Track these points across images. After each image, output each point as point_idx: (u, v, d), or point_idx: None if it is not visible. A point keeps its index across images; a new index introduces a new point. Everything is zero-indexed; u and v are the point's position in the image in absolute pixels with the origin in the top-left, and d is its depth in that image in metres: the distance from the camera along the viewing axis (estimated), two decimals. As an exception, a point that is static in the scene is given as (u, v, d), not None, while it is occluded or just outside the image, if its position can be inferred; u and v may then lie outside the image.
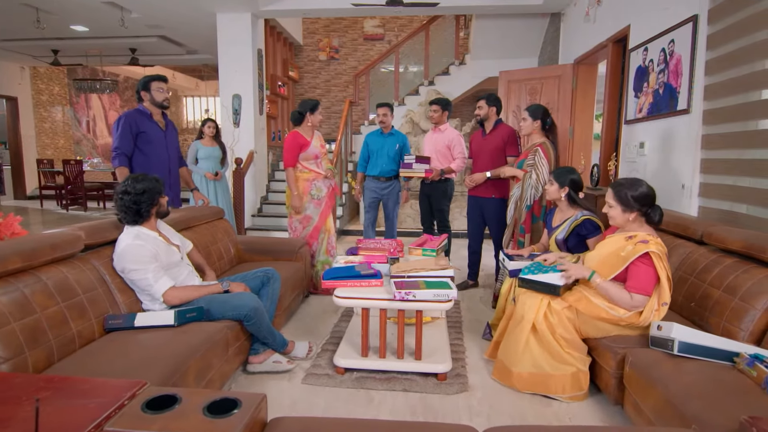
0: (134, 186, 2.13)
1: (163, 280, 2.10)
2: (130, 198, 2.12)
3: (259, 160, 6.33)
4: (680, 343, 1.71)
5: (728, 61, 2.71)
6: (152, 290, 2.08)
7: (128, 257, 2.06)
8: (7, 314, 1.59)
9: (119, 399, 1.28)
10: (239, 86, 5.98)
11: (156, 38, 7.12)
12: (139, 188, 2.12)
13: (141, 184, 2.14)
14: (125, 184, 2.15)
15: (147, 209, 2.15)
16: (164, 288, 2.09)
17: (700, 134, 2.91)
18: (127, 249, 2.08)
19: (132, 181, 2.16)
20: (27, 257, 1.77)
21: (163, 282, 2.10)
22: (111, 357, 1.73)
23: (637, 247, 2.04)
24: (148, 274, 2.07)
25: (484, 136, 3.58)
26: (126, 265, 2.07)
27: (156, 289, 2.08)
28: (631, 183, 2.18)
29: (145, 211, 2.15)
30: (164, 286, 2.09)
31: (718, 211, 2.83)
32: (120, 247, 2.10)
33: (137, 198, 2.12)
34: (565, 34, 5.61)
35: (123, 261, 2.07)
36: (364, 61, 8.45)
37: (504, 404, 2.11)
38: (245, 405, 1.28)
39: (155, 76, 3.11)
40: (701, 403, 1.46)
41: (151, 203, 2.16)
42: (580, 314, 2.15)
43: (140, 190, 2.12)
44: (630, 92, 3.81)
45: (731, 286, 2.02)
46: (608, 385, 2.02)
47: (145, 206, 2.14)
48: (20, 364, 1.57)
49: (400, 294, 2.18)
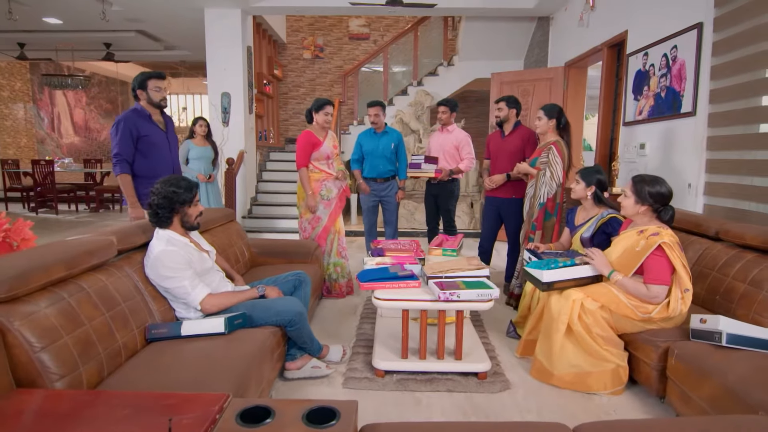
0: (161, 189, 2.06)
1: (200, 287, 2.02)
2: (153, 199, 2.06)
3: (248, 160, 6.18)
4: (728, 335, 1.79)
5: (733, 68, 2.86)
6: (189, 298, 2.00)
7: (163, 264, 1.97)
8: (58, 327, 1.48)
9: (210, 413, 1.22)
10: (228, 84, 5.82)
11: (134, 33, 6.82)
12: (164, 192, 2.04)
13: (168, 188, 2.05)
14: (157, 184, 2.08)
15: (166, 215, 2.06)
16: (202, 296, 2.01)
17: (705, 136, 3.06)
18: (161, 256, 1.98)
19: (163, 183, 2.08)
20: (69, 265, 1.66)
21: (200, 290, 2.02)
22: (168, 369, 1.65)
23: (650, 240, 2.13)
24: (185, 282, 1.98)
25: (503, 138, 3.63)
26: (161, 272, 1.97)
27: (193, 297, 2.00)
28: (652, 180, 2.27)
29: (163, 216, 2.05)
30: (201, 293, 2.01)
31: (722, 209, 2.99)
32: (153, 253, 2.00)
33: (159, 201, 2.05)
34: (555, 37, 5.76)
35: (157, 268, 1.98)
36: (350, 60, 8.39)
37: (549, 401, 2.15)
38: (343, 413, 1.25)
39: (153, 73, 2.90)
40: (764, 391, 1.53)
41: (171, 210, 2.06)
42: (614, 313, 2.22)
43: (164, 194, 2.04)
44: (629, 95, 3.96)
45: (757, 280, 2.14)
46: (649, 377, 2.09)
47: (164, 212, 2.05)
48: (75, 381, 1.47)
49: (444, 295, 2.18)
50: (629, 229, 2.33)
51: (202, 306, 2.01)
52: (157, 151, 2.96)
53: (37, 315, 1.44)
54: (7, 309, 1.40)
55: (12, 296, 1.42)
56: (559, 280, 2.30)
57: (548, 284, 2.29)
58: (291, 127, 8.67)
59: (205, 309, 2.03)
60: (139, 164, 2.90)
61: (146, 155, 2.91)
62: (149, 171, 2.90)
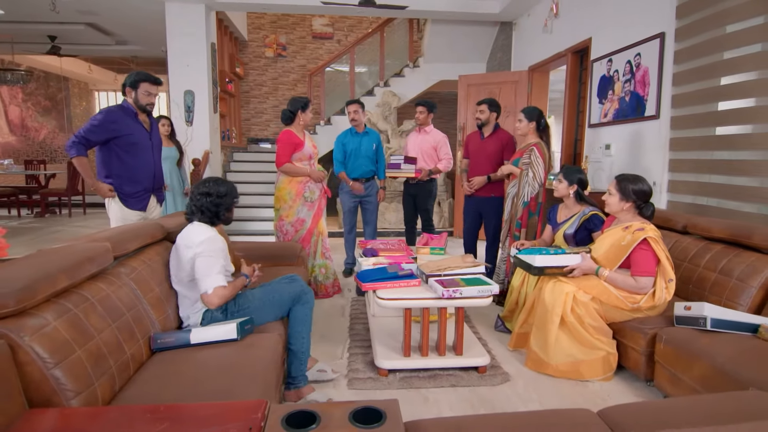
0: (217, 188, 2.13)
1: (219, 277, 2.02)
2: (211, 200, 2.11)
3: (213, 160, 5.97)
4: (712, 319, 1.96)
5: (693, 75, 3.11)
6: (208, 279, 1.97)
7: (211, 244, 2.02)
8: (70, 341, 1.38)
9: (255, 421, 1.19)
10: (192, 82, 5.59)
11: (83, 26, 6.39)
12: (221, 191, 2.13)
13: (223, 187, 2.14)
14: (207, 185, 2.13)
15: (224, 212, 2.16)
16: (216, 283, 1.98)
17: (668, 137, 3.32)
18: (212, 239, 2.04)
19: (213, 183, 2.15)
20: (71, 274, 1.55)
21: (218, 278, 2.00)
22: (187, 379, 1.58)
23: (636, 235, 2.30)
24: (215, 264, 2.01)
25: (482, 139, 3.73)
26: (206, 248, 2.00)
27: (210, 281, 1.97)
28: (634, 178, 2.44)
29: (222, 214, 2.15)
30: (217, 281, 1.99)
31: (684, 205, 3.25)
32: (204, 236, 2.03)
33: (218, 201, 2.12)
34: (518, 42, 6.00)
35: (205, 245, 2.00)
36: (313, 59, 8.30)
37: (548, 390, 2.25)
38: (388, 412, 1.26)
39: (148, 77, 2.81)
40: (751, 368, 1.70)
41: (229, 207, 2.17)
42: (604, 304, 2.37)
43: (222, 193, 2.13)
44: (594, 99, 4.20)
45: (727, 269, 2.35)
46: (637, 363, 2.25)
47: (223, 209, 2.15)
48: (91, 397, 1.38)
49: (448, 292, 2.23)
50: (614, 226, 2.49)
51: (212, 293, 1.97)
52: (138, 150, 2.85)
53: (47, 328, 1.34)
54: (15, 323, 1.29)
55: (20, 309, 1.31)
56: (550, 265, 2.43)
57: (540, 269, 2.43)
58: (253, 126, 8.46)
59: (210, 299, 1.98)
60: (119, 162, 2.79)
61: (128, 154, 2.80)
62: (130, 170, 2.82)
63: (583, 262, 2.42)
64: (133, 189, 2.87)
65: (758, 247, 2.29)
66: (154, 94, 2.85)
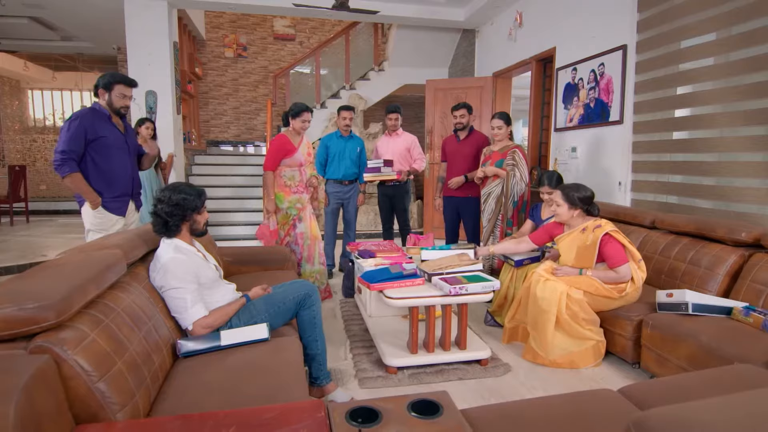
0: (170, 196, 1.94)
1: (198, 306, 1.88)
2: (161, 207, 1.93)
3: (176, 164, 5.75)
4: (693, 304, 2.19)
5: (652, 85, 3.43)
6: (185, 314, 1.85)
7: (172, 272, 1.85)
8: (110, 353, 1.34)
9: (320, 420, 1.22)
10: (154, 82, 5.36)
11: (27, 19, 5.93)
12: (173, 199, 1.93)
13: (177, 195, 1.94)
14: (164, 191, 1.95)
15: (176, 223, 1.95)
16: (197, 316, 1.86)
17: (631, 141, 3.62)
18: (171, 263, 1.86)
19: (171, 190, 1.96)
20: (98, 283, 1.49)
21: (197, 309, 1.87)
22: (229, 383, 1.55)
23: (596, 233, 2.52)
24: (187, 295, 1.85)
25: (459, 141, 3.88)
26: (169, 280, 1.84)
27: (189, 314, 1.85)
28: (576, 187, 2.67)
29: (173, 224, 1.95)
30: (198, 313, 1.87)
31: (647, 202, 3.56)
32: (163, 260, 1.87)
33: (169, 209, 1.93)
34: (482, 49, 6.25)
35: (166, 275, 1.84)
36: (275, 60, 8.18)
37: (548, 378, 2.41)
38: (444, 403, 1.33)
39: (124, 78, 2.70)
40: (732, 345, 1.93)
41: (182, 218, 1.97)
42: (594, 296, 2.55)
43: (174, 202, 1.93)
44: (559, 104, 4.49)
45: (695, 260, 2.62)
46: (625, 348, 2.45)
47: (175, 220, 1.94)
48: (134, 410, 1.34)
49: (455, 289, 2.33)
50: (569, 233, 2.67)
51: (194, 326, 1.87)
52: (114, 153, 2.76)
53: (87, 341, 1.29)
54: (56, 336, 1.23)
55: (60, 322, 1.25)
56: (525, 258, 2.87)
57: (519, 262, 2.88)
58: (212, 128, 8.19)
59: (196, 331, 1.87)
60: (94, 167, 2.68)
61: (103, 157, 2.70)
62: (105, 174, 2.72)
63: (564, 270, 2.58)
64: (111, 194, 2.76)
65: (721, 239, 2.57)
66: (129, 97, 2.76)
